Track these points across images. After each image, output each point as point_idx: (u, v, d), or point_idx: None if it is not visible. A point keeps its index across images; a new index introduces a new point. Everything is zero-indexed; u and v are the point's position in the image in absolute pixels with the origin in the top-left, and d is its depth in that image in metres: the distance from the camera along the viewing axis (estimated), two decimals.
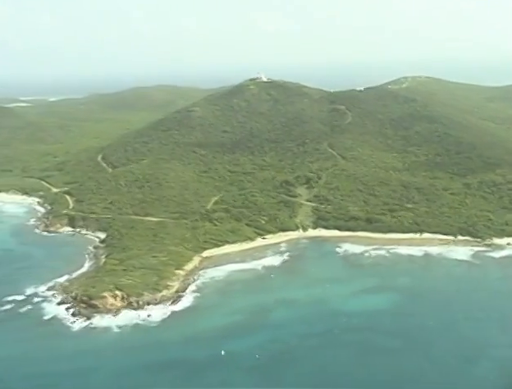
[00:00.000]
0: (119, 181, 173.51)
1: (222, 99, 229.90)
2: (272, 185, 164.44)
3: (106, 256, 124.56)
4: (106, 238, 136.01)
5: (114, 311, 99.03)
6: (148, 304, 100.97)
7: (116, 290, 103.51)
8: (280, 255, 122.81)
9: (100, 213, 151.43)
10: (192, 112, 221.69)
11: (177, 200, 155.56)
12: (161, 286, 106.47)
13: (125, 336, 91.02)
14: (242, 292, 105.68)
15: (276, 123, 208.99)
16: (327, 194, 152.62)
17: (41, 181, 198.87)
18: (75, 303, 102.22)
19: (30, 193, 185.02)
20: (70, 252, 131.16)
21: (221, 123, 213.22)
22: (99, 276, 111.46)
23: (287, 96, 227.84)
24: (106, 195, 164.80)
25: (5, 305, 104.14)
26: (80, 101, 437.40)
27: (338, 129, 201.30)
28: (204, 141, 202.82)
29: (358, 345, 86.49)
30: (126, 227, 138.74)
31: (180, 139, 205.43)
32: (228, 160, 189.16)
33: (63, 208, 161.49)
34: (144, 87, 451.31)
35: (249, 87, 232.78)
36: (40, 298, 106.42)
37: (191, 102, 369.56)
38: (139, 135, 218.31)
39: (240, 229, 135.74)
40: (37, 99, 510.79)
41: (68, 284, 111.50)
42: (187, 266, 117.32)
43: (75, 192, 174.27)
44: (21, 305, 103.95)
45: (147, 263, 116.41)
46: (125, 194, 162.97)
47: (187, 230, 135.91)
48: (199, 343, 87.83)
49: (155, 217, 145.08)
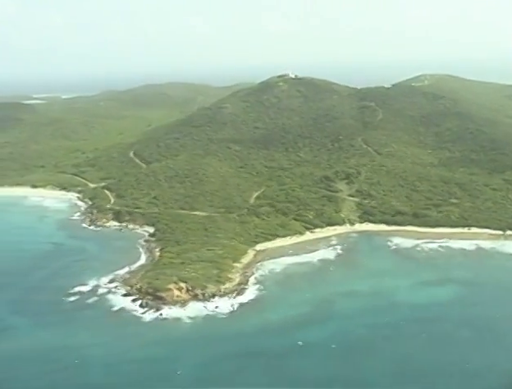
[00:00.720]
0: (158, 177, 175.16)
1: (252, 96, 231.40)
2: (312, 180, 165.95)
3: (160, 249, 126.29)
4: (155, 232, 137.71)
5: (181, 303, 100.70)
6: (214, 297, 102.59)
7: (181, 283, 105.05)
8: (332, 249, 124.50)
9: (145, 208, 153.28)
10: (223, 108, 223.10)
11: (220, 195, 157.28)
12: (223, 279, 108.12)
13: (198, 327, 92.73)
14: (303, 284, 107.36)
15: (308, 119, 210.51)
16: (369, 190, 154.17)
17: (75, 177, 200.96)
18: (140, 295, 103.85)
19: (68, 188, 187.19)
20: (122, 246, 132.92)
21: (253, 119, 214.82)
22: (159, 269, 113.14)
23: (316, 93, 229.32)
24: (147, 190, 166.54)
25: (71, 297, 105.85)
26: (92, 98, 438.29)
27: (370, 125, 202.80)
28: (237, 137, 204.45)
29: (429, 335, 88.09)
30: (175, 221, 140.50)
31: (213, 135, 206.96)
32: (263, 156, 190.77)
33: (105, 203, 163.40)
34: (158, 84, 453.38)
35: (279, 84, 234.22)
36: (104, 290, 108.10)
37: (210, 98, 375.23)
38: (170, 131, 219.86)
39: (288, 223, 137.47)
40: (50, 97, 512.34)
41: (129, 276, 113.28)
42: (243, 259, 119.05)
43: (114, 187, 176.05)
44: (87, 297, 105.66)
45: (204, 256, 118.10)
46: (167, 189, 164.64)
47: (236, 224, 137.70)
48: (273, 334, 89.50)
49: (201, 212, 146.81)
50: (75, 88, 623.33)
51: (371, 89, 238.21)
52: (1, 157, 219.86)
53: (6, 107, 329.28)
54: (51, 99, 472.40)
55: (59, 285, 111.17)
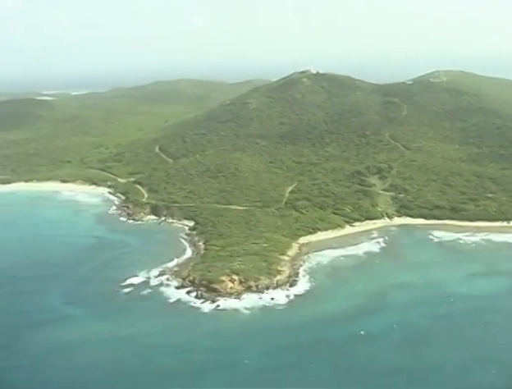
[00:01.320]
0: (190, 172, 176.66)
1: (275, 92, 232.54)
2: (343, 175, 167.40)
3: (204, 243, 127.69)
4: (196, 226, 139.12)
5: (236, 294, 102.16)
6: (267, 288, 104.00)
7: (233, 275, 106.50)
8: (375, 242, 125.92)
9: (182, 202, 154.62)
10: (247, 104, 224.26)
11: (255, 189, 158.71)
12: (273, 271, 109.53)
13: (257, 318, 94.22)
14: (353, 276, 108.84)
15: (333, 115, 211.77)
16: (403, 184, 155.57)
17: (103, 172, 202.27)
18: (194, 287, 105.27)
19: (98, 183, 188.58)
20: (164, 239, 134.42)
21: (278, 115, 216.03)
22: (208, 261, 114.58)
23: (340, 88, 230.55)
24: (180, 185, 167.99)
25: (124, 288, 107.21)
26: (105, 95, 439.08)
27: (396, 121, 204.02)
28: (263, 132, 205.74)
29: (487, 325, 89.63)
30: (214, 215, 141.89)
31: (239, 130, 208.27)
32: (291, 151, 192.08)
33: (139, 198, 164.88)
34: (170, 81, 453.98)
35: (302, 80, 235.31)
36: (156, 282, 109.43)
37: (224, 95, 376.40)
38: (195, 127, 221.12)
39: (327, 217, 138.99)
40: (60, 93, 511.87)
41: (178, 269, 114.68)
42: (289, 252, 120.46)
43: (145, 182, 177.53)
44: (140, 288, 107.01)
45: (250, 249, 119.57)
46: (200, 184, 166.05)
47: (276, 218, 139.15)
48: (333, 324, 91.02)
49: (239, 206, 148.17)
50: (79, 85, 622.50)
51: (393, 84, 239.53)
52: (28, 153, 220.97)
53: (22, 103, 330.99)
54: (61, 96, 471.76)
55: (109, 276, 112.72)
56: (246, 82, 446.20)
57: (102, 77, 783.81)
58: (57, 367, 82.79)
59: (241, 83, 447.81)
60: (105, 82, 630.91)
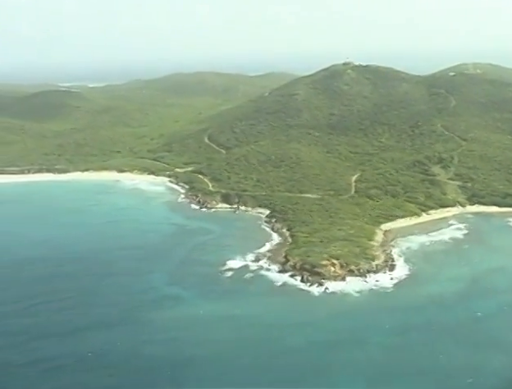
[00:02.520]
0: (250, 161, 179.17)
1: (321, 83, 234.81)
2: (404, 164, 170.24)
3: (287, 229, 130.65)
4: (273, 213, 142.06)
5: (340, 278, 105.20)
6: (368, 272, 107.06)
7: (333, 259, 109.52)
8: (456, 229, 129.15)
9: (252, 191, 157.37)
10: (295, 95, 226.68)
11: (322, 178, 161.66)
12: (369, 256, 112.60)
13: (370, 300, 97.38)
14: (448, 261, 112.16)
15: (382, 106, 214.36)
16: (469, 173, 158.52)
17: (156, 162, 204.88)
18: (296, 271, 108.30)
19: (156, 172, 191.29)
20: (244, 226, 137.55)
21: (327, 106, 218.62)
22: (302, 247, 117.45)
23: (385, 80, 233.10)
24: (244, 174, 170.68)
25: (225, 271, 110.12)
26: (126, 87, 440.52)
27: (445, 112, 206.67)
28: (314, 123, 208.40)
29: None
30: (290, 203, 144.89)
31: (290, 121, 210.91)
32: (344, 141, 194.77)
33: (204, 187, 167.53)
34: (192, 73, 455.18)
35: (347, 71, 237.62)
36: (255, 266, 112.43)
37: (252, 87, 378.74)
38: (244, 118, 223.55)
39: (402, 205, 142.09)
40: (76, 85, 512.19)
41: (271, 254, 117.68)
42: (376, 238, 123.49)
43: (206, 172, 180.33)
44: (242, 272, 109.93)
45: (338, 235, 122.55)
46: (265, 173, 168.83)
47: (352, 205, 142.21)
48: (446, 305, 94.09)
49: (311, 194, 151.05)
50: (91, 77, 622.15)
51: (437, 76, 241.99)
52: (78, 143, 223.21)
53: (55, 94, 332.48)
54: (80, 88, 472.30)
55: (206, 260, 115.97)
56: (267, 75, 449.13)
57: (110, 69, 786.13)
58: (189, 342, 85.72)
59: (263, 75, 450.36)
60: (117, 74, 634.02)
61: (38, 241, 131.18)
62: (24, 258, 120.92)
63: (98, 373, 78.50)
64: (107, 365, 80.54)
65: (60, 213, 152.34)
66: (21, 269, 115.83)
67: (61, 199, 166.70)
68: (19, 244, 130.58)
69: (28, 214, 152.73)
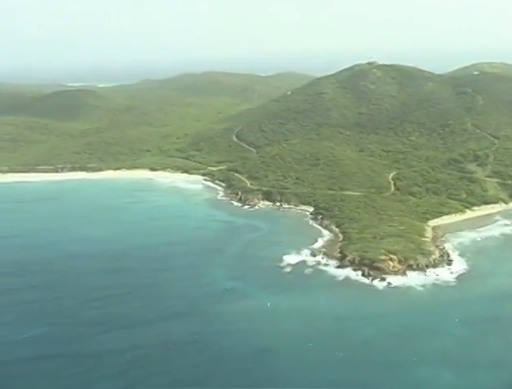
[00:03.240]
0: (285, 159, 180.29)
1: (347, 83, 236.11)
2: (439, 163, 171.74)
3: (336, 226, 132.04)
4: (318, 210, 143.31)
5: (400, 272, 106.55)
6: (427, 267, 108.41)
7: (391, 255, 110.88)
8: (503, 224, 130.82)
9: (293, 189, 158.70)
10: (323, 94, 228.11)
11: (361, 176, 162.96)
12: (425, 251, 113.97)
13: (436, 293, 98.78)
14: (504, 256, 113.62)
15: (410, 105, 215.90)
16: (507, 171, 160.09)
17: (187, 160, 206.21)
18: (354, 266, 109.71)
19: (190, 171, 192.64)
20: (291, 223, 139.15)
21: (355, 105, 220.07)
22: (355, 243, 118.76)
23: (411, 79, 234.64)
24: (282, 172, 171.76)
25: (285, 268, 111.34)
26: (133, 87, 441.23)
27: (473, 110, 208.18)
28: (344, 122, 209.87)
29: None
30: (334, 200, 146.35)
31: (319, 120, 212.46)
32: (375, 140, 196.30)
33: (243, 185, 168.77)
34: (206, 72, 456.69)
35: (372, 70, 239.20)
36: (312, 261, 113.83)
37: (267, 87, 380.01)
38: (272, 117, 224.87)
39: (446, 202, 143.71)
40: (86, 85, 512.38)
41: (326, 250, 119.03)
42: (426, 234, 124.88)
43: (242, 170, 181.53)
44: (301, 267, 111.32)
45: (389, 231, 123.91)
46: (302, 171, 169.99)
47: (396, 202, 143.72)
48: (510, 299, 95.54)
49: (353, 192, 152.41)
50: (98, 76, 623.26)
51: (462, 75, 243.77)
52: (107, 142, 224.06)
53: (73, 94, 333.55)
54: (89, 88, 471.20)
55: (261, 255, 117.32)
56: (278, 75, 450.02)
57: (114, 69, 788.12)
58: (264, 333, 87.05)
59: (274, 76, 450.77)
60: (122, 74, 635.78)
61: (87, 238, 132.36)
62: (76, 254, 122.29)
63: (182, 363, 79.84)
64: (190, 354, 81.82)
65: (102, 210, 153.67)
66: (76, 264, 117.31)
67: (99, 196, 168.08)
68: (68, 240, 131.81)
69: (70, 212, 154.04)
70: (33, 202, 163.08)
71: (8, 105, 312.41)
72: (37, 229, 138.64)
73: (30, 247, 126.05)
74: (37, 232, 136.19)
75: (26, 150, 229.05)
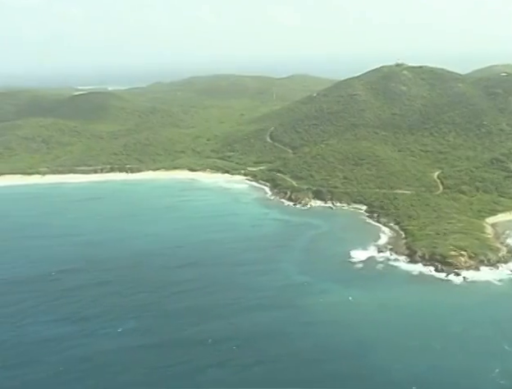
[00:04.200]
0: (328, 159, 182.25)
1: (378, 84, 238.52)
2: (481, 162, 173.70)
3: (396, 223, 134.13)
4: (372, 209, 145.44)
5: (473, 268, 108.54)
6: (498, 262, 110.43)
7: (460, 250, 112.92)
8: None
9: (342, 188, 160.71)
10: (355, 95, 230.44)
11: (408, 175, 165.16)
12: (492, 247, 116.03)
13: None
14: None
15: (443, 106, 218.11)
16: None
17: (223, 161, 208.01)
18: (425, 261, 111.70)
19: (230, 171, 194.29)
20: (348, 221, 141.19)
21: (388, 106, 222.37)
22: (420, 239, 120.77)
23: (441, 80, 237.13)
24: (327, 172, 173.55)
25: (355, 263, 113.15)
26: (147, 89, 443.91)
27: (507, 111, 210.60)
28: (379, 123, 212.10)
29: None
30: (387, 199, 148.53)
31: (354, 121, 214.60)
32: (412, 140, 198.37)
33: (289, 184, 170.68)
34: (219, 75, 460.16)
35: (403, 72, 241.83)
36: (381, 257, 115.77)
37: (283, 89, 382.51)
38: (305, 118, 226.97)
39: (499, 200, 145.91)
40: (97, 88, 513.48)
41: (392, 246, 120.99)
42: (487, 231, 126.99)
43: (285, 170, 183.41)
44: (372, 263, 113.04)
45: (450, 228, 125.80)
46: (348, 170, 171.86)
47: (449, 201, 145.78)
48: None
49: (403, 190, 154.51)
50: (106, 80, 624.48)
51: (489, 76, 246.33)
52: (143, 143, 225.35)
53: (95, 96, 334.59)
54: (99, 90, 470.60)
55: (329, 251, 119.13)
56: (291, 77, 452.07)
57: (123, 72, 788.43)
58: (356, 325, 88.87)
59: (289, 77, 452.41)
60: (133, 77, 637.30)
61: (149, 234, 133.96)
62: (142, 251, 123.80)
63: (281, 351, 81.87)
64: (286, 344, 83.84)
65: (155, 209, 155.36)
66: (145, 260, 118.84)
67: (148, 196, 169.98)
68: (131, 237, 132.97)
69: (124, 210, 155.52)
70: (82, 201, 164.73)
71: (33, 108, 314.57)
72: (97, 227, 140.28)
73: (96, 244, 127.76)
74: (98, 230, 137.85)
75: (60, 152, 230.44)
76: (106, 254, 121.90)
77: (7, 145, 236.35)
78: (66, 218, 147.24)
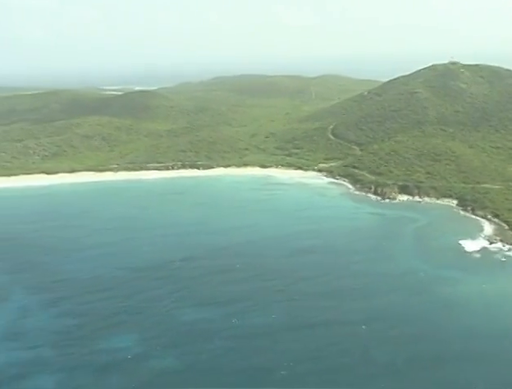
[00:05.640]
0: (403, 155, 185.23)
1: (436, 82, 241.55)
2: None
3: (494, 216, 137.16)
4: (464, 202, 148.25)
5: None
6: None
7: None
8: None
9: (427, 182, 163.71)
10: (416, 93, 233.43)
11: (489, 170, 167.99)
12: None
13: None
14: None
15: (505, 103, 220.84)
16: None
17: (291, 158, 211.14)
18: None
19: (303, 168, 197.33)
20: (443, 214, 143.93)
21: (450, 103, 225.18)
22: None
23: (499, 78, 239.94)
24: (407, 167, 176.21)
25: (471, 254, 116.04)
26: (176, 89, 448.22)
27: None
28: (444, 120, 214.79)
29: None
30: (478, 193, 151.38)
31: (419, 118, 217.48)
32: (480, 137, 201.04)
33: (368, 179, 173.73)
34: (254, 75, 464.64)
35: (461, 70, 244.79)
36: (493, 248, 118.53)
37: (321, 88, 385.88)
38: (367, 116, 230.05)
39: None
40: (123, 88, 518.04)
41: (501, 237, 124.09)
42: None
43: (360, 166, 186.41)
44: (488, 254, 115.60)
45: None
46: (428, 166, 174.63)
47: None
48: None
49: (491, 185, 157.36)
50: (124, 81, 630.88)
51: None
52: (208, 141, 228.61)
53: (139, 95, 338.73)
54: (127, 91, 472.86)
55: (438, 242, 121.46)
56: (322, 76, 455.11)
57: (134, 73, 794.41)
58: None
59: (321, 77, 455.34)
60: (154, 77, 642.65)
61: (250, 226, 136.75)
62: (250, 241, 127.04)
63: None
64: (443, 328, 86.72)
65: (245, 202, 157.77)
66: (257, 249, 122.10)
67: (231, 190, 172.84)
68: (235, 227, 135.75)
69: (215, 203, 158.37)
70: (171, 195, 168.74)
71: (77, 107, 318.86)
72: (198, 218, 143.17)
73: (206, 234, 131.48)
74: (201, 221, 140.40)
75: (123, 149, 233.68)
76: (219, 243, 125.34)
77: (70, 143, 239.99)
78: (163, 211, 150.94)
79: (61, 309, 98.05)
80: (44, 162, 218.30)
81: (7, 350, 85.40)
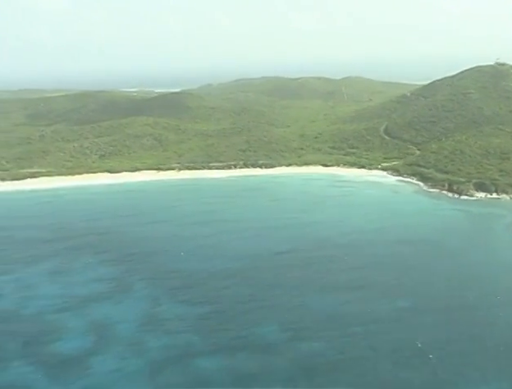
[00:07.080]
0: (467, 154, 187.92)
1: (487, 83, 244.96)
2: None
3: None
4: None
5: None
6: None
7: None
8: None
9: (502, 180, 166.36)
10: (469, 94, 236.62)
11: None
12: None
13: None
14: None
15: None
16: None
17: (350, 157, 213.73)
18: None
19: (366, 166, 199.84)
20: None
21: (505, 104, 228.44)
22: None
23: None
24: (474, 165, 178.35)
25: None
26: (198, 91, 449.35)
27: None
28: (499, 120, 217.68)
29: None
30: None
31: (474, 118, 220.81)
32: None
33: (438, 177, 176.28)
34: (283, 77, 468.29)
35: (511, 71, 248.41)
36: None
37: (353, 90, 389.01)
38: (419, 116, 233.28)
39: None
40: (143, 90, 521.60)
41: None
42: None
43: (426, 165, 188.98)
44: None
45: None
46: (498, 164, 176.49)
47: None
48: None
49: None
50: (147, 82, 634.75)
51: None
52: (263, 140, 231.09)
53: (176, 96, 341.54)
54: (147, 93, 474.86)
55: None
56: (346, 78, 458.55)
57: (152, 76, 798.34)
58: None
59: (346, 78, 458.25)
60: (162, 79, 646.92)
61: (338, 220, 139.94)
62: (346, 231, 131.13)
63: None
64: None
65: (324, 198, 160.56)
66: (355, 239, 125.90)
67: (306, 187, 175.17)
68: (322, 221, 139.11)
69: (295, 199, 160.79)
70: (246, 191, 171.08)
71: (115, 108, 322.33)
72: (287, 212, 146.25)
73: (300, 226, 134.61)
74: (290, 216, 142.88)
75: (176, 149, 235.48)
76: (319, 235, 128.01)
77: (124, 143, 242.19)
78: (245, 205, 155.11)
79: (190, 297, 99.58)
80: (103, 162, 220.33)
81: (159, 335, 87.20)
